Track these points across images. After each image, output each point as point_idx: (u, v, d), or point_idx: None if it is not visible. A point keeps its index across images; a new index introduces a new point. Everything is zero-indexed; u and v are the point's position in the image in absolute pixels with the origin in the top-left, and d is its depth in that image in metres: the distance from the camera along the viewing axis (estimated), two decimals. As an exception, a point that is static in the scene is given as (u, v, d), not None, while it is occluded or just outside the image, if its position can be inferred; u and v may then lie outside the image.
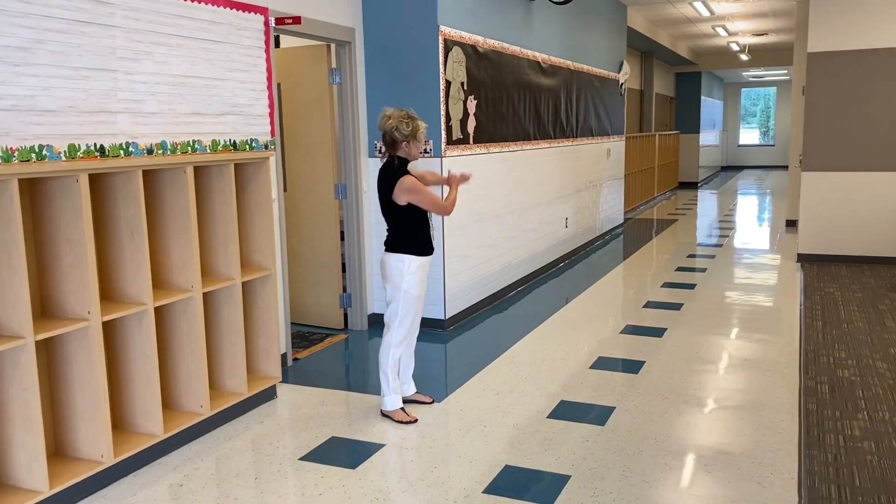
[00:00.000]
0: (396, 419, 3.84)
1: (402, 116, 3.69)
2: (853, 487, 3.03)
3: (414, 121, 3.71)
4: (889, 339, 5.08)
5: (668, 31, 14.17)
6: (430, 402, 4.07)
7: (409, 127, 3.68)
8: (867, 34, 7.49)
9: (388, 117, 3.70)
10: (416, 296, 3.81)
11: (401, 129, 3.67)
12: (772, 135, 26.83)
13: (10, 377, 2.84)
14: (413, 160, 3.80)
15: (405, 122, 3.68)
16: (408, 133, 3.68)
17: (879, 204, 7.66)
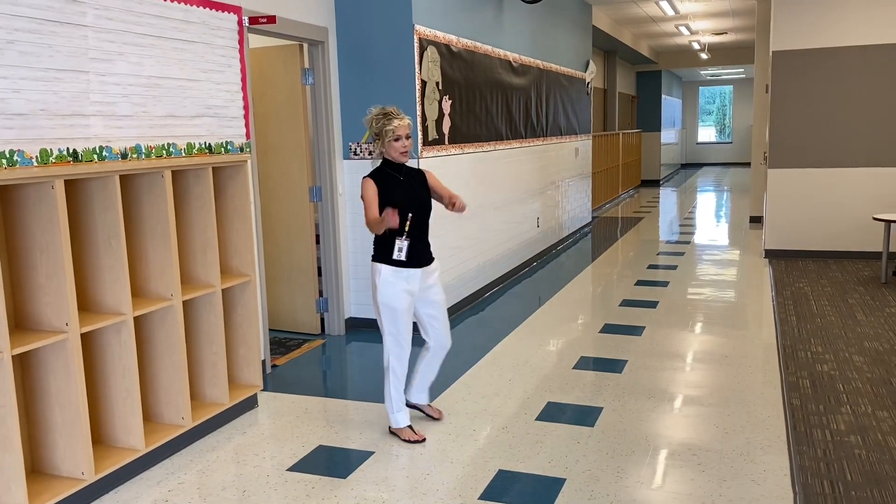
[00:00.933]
0: (403, 438, 3.60)
1: (376, 115, 3.51)
2: (845, 482, 3.05)
3: (385, 118, 3.47)
4: (862, 332, 5.17)
5: (630, 30, 14.30)
6: (438, 417, 3.83)
7: (379, 124, 3.47)
8: (830, 33, 7.64)
9: (369, 114, 3.56)
10: (396, 308, 3.50)
11: (372, 128, 3.51)
12: (729, 132, 27.32)
13: (-14, 394, 2.70)
14: (395, 160, 3.54)
15: (375, 118, 3.49)
16: (377, 131, 3.49)
17: (844, 200, 7.81)
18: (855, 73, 7.63)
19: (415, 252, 3.50)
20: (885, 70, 7.53)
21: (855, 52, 7.58)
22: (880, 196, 7.62)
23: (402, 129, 3.47)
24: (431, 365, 3.78)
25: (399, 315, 3.52)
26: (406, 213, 3.43)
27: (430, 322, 3.67)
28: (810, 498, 2.93)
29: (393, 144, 3.48)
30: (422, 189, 3.61)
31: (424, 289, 3.57)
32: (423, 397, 3.86)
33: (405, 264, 3.48)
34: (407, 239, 3.46)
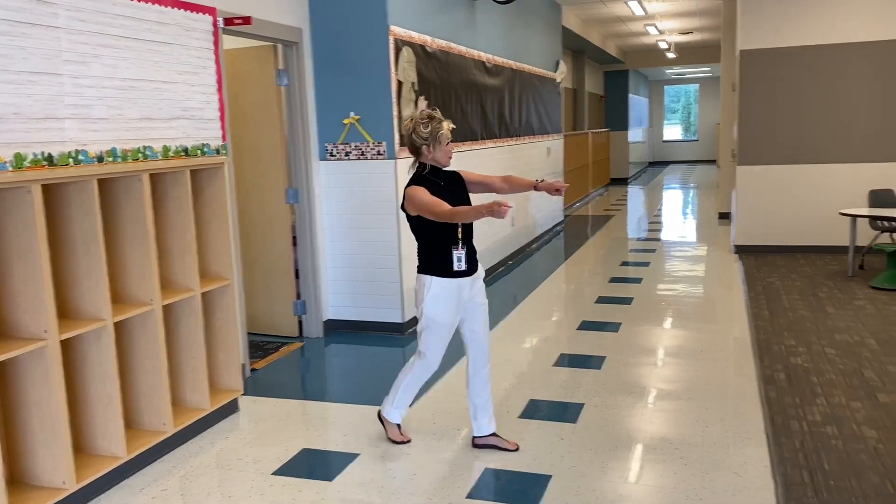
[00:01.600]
0: (389, 435, 3.55)
1: (421, 118, 3.22)
2: (823, 471, 3.12)
3: (433, 121, 3.20)
4: (833, 325, 5.29)
5: (599, 30, 14.43)
6: (514, 448, 3.44)
7: (428, 128, 3.18)
8: (796, 32, 7.79)
9: (407, 120, 3.31)
10: (443, 324, 3.29)
11: (419, 132, 3.19)
12: (694, 130, 27.71)
13: (-36, 404, 2.64)
14: (442, 166, 3.29)
15: (423, 123, 3.20)
16: (427, 136, 3.18)
17: (812, 195, 7.97)
18: (821, 72, 7.78)
19: (468, 259, 3.30)
20: (849, 68, 7.70)
21: (820, 50, 7.74)
22: (846, 191, 7.78)
23: (449, 131, 3.26)
24: (477, 386, 3.46)
25: (444, 331, 3.32)
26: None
27: (471, 337, 3.44)
28: (790, 488, 2.99)
29: (445, 149, 3.23)
30: (463, 192, 3.37)
31: (472, 297, 3.36)
32: (489, 425, 3.48)
33: (457, 274, 3.27)
34: (464, 247, 3.25)
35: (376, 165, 5.33)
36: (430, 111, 3.29)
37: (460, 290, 3.29)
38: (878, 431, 3.49)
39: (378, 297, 5.48)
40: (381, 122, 5.27)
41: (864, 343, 4.83)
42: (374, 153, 5.31)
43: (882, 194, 7.10)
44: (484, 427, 3.47)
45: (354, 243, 5.47)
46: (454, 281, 3.27)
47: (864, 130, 7.74)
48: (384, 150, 5.28)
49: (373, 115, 5.28)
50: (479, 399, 3.46)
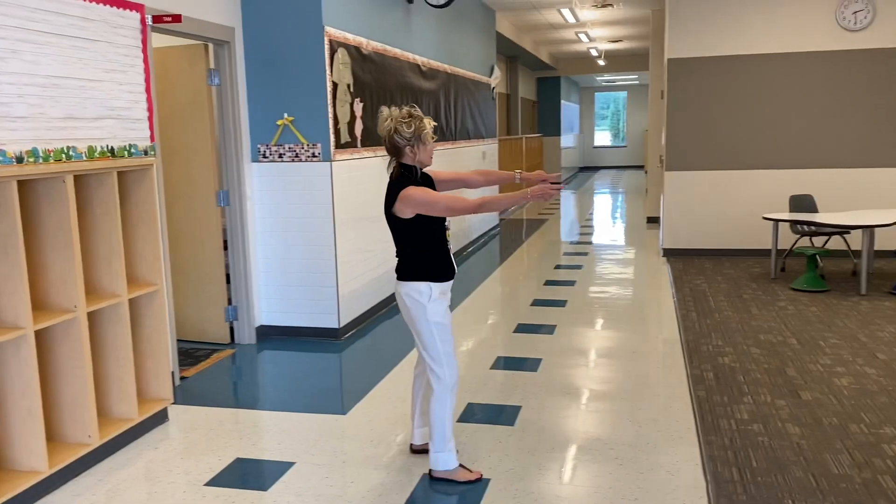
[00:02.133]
0: (460, 480, 3.15)
1: (402, 117, 3.05)
2: (751, 468, 3.22)
3: (415, 119, 3.05)
4: (757, 326, 5.47)
5: (532, 36, 14.63)
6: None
7: (412, 128, 3.02)
8: (722, 42, 8.06)
9: (384, 119, 3.09)
10: (447, 324, 3.15)
11: (401, 132, 3.03)
12: (623, 136, 28.35)
13: None
14: (424, 167, 3.16)
15: (405, 122, 3.03)
16: (410, 136, 3.03)
17: (736, 200, 8.25)
18: (745, 81, 8.07)
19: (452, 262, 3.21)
20: (772, 78, 8.01)
21: (745, 60, 8.03)
22: (770, 197, 8.09)
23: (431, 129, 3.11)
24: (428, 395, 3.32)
25: (450, 332, 3.18)
26: (444, 222, 3.14)
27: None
28: (721, 485, 3.08)
29: (425, 148, 3.09)
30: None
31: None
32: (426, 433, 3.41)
33: (447, 278, 3.16)
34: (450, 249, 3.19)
35: (311, 167, 5.25)
36: (409, 109, 3.09)
37: (448, 292, 3.22)
38: (801, 428, 3.63)
39: (313, 303, 5.40)
40: (315, 124, 5.20)
41: (786, 343, 5.02)
42: (309, 155, 5.24)
43: (802, 199, 7.40)
44: (426, 435, 3.40)
45: (289, 247, 5.38)
46: (448, 284, 3.19)
47: (786, 138, 8.07)
48: (319, 152, 5.21)
49: (307, 117, 5.20)
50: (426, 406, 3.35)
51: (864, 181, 7.93)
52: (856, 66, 7.80)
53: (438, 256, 3.14)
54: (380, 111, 3.16)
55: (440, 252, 3.14)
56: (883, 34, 7.69)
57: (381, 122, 3.13)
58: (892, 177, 7.88)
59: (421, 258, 3.12)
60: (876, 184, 7.91)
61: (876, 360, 4.62)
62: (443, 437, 3.15)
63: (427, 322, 3.13)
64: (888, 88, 7.76)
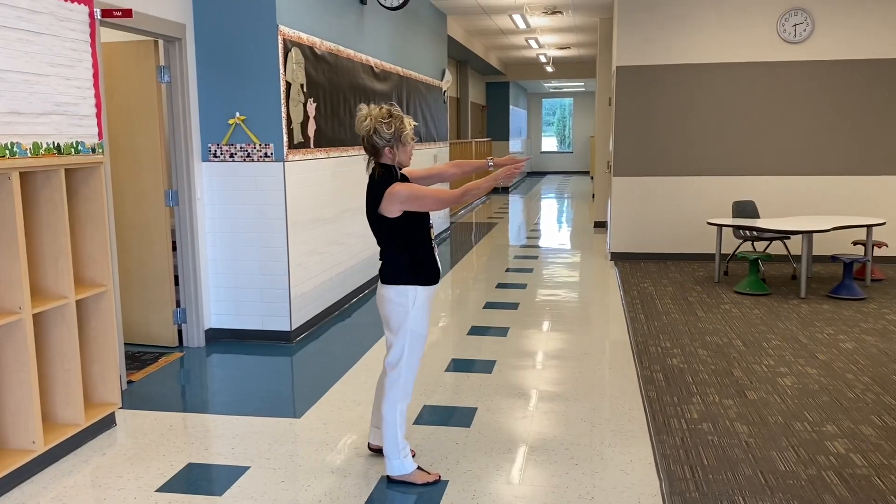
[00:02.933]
0: (418, 482, 3.13)
1: (381, 116, 3.00)
2: (703, 466, 3.30)
3: (395, 119, 3.01)
4: (703, 327, 5.61)
5: (482, 41, 14.73)
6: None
7: (391, 128, 2.99)
8: (668, 51, 8.25)
9: (363, 118, 3.03)
10: (424, 335, 3.12)
11: (381, 133, 2.99)
12: (569, 142, 28.78)
13: None
14: (402, 167, 3.10)
15: (385, 122, 2.99)
16: (390, 136, 2.99)
17: (681, 205, 8.45)
18: (691, 89, 8.28)
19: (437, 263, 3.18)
20: (717, 87, 8.24)
21: (691, 69, 8.24)
22: (714, 202, 8.31)
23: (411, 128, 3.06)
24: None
25: (423, 343, 3.16)
26: (429, 220, 3.13)
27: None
28: (674, 483, 3.14)
29: (405, 148, 3.05)
30: None
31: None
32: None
33: (433, 282, 3.13)
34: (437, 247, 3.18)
35: (263, 168, 5.18)
36: (388, 108, 3.04)
37: (433, 298, 3.18)
38: (749, 427, 3.73)
39: (265, 305, 5.32)
40: (268, 124, 5.13)
41: (731, 344, 5.16)
42: (262, 155, 5.17)
43: (744, 205, 7.62)
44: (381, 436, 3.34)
45: (239, 248, 5.29)
46: (433, 289, 3.15)
47: (730, 145, 8.30)
48: (272, 152, 5.15)
49: (260, 116, 5.13)
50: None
51: (804, 188, 8.21)
52: (796, 76, 8.08)
53: (425, 257, 3.10)
54: (358, 108, 3.09)
55: (426, 252, 3.11)
56: (821, 47, 7.99)
57: (360, 122, 3.05)
58: (831, 184, 8.19)
59: (408, 259, 3.08)
60: (815, 191, 8.21)
61: (816, 360, 4.78)
62: (395, 444, 3.13)
63: (405, 329, 3.09)
64: (826, 99, 8.07)
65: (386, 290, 3.11)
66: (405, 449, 3.16)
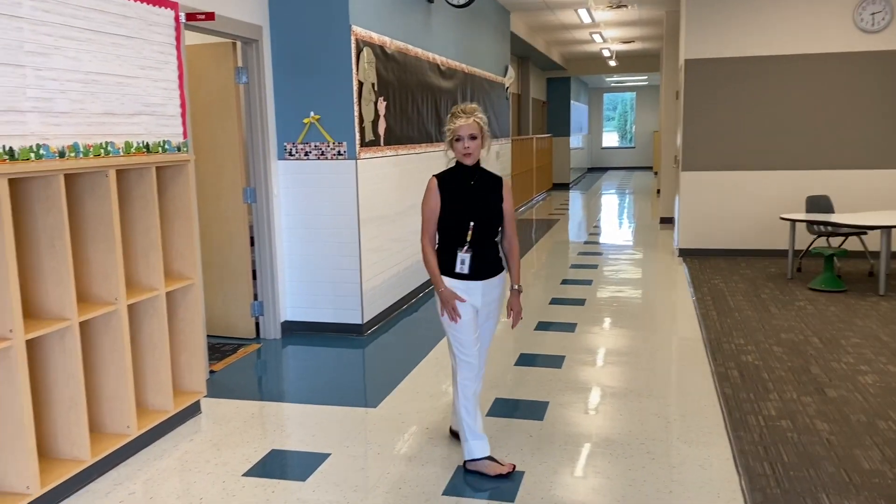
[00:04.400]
0: (490, 474, 3.17)
1: (450, 116, 3.23)
2: (783, 463, 3.26)
3: (452, 117, 3.20)
4: (777, 325, 5.51)
5: (544, 36, 14.67)
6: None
7: (447, 126, 3.21)
8: (738, 43, 8.09)
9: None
10: (453, 325, 3.18)
11: (445, 130, 3.23)
12: (630, 137, 28.35)
13: (-74, 407, 2.53)
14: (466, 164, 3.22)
15: (447, 121, 3.23)
16: (447, 132, 3.22)
17: (752, 200, 8.28)
18: (762, 82, 8.10)
19: (475, 264, 3.19)
20: (790, 79, 8.04)
21: (762, 61, 8.06)
22: (786, 197, 8.12)
23: (465, 128, 3.13)
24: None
25: (462, 328, 3.18)
26: (468, 221, 3.17)
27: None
28: (754, 479, 3.11)
29: (454, 145, 3.18)
30: (491, 196, 3.25)
31: (488, 302, 3.26)
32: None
33: (465, 277, 3.19)
34: (469, 250, 3.17)
35: (336, 165, 5.31)
36: (462, 106, 3.22)
37: (468, 293, 3.19)
38: (829, 424, 3.66)
39: (337, 299, 5.45)
40: (341, 122, 5.25)
41: (808, 342, 5.05)
42: (335, 153, 5.29)
43: (819, 200, 7.43)
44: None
45: (314, 244, 5.43)
46: (461, 283, 3.19)
47: (802, 139, 8.09)
48: (344, 151, 5.27)
49: (333, 115, 5.25)
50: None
51: (881, 182, 7.95)
52: (873, 67, 7.82)
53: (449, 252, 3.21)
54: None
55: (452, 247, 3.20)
56: (900, 36, 7.72)
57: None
58: (909, 178, 7.90)
59: (440, 253, 3.25)
60: (893, 185, 7.93)
61: (898, 358, 4.65)
62: (464, 426, 3.22)
63: (440, 314, 3.24)
64: (905, 90, 7.78)
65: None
66: (474, 433, 3.21)
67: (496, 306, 3.33)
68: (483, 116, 3.23)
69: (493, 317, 3.34)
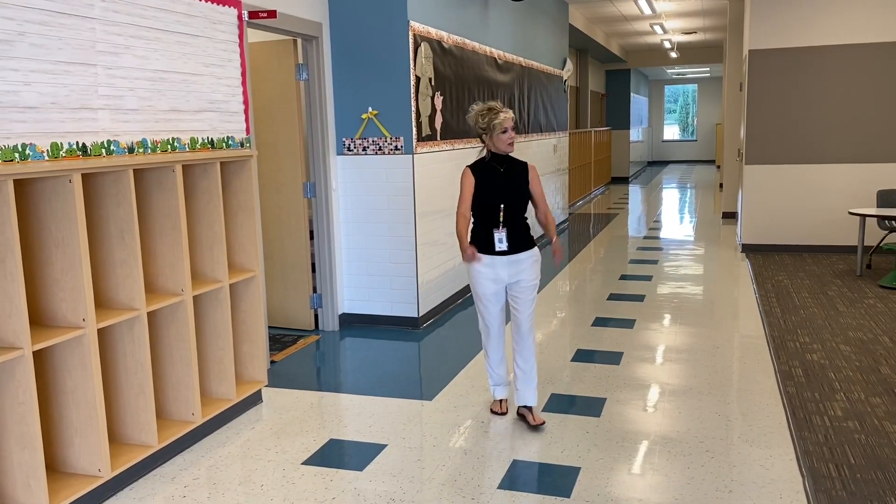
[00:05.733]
0: (491, 409, 3.89)
1: (481, 111, 3.61)
2: (849, 465, 3.16)
3: (491, 112, 3.58)
4: (845, 323, 5.33)
5: (603, 28, 14.47)
6: (533, 423, 3.64)
7: (486, 119, 3.58)
8: (805, 32, 7.84)
9: (470, 112, 3.69)
10: (479, 294, 3.68)
11: (479, 123, 3.62)
12: (692, 130, 27.76)
13: (6, 391, 2.66)
14: (503, 152, 3.65)
15: (481, 115, 3.60)
16: (484, 126, 3.59)
17: (817, 195, 8.03)
18: (829, 72, 7.84)
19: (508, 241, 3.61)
20: (858, 69, 7.75)
21: (829, 51, 7.80)
22: (853, 191, 7.85)
23: (508, 121, 3.57)
24: (519, 355, 3.72)
25: (482, 300, 3.69)
26: (499, 204, 3.57)
27: (513, 303, 3.72)
28: (818, 480, 3.03)
29: (500, 137, 3.58)
30: (518, 180, 3.66)
31: (515, 275, 3.65)
32: (524, 395, 3.72)
33: (489, 252, 3.60)
34: (504, 229, 3.58)
35: (394, 160, 5.35)
36: (491, 104, 3.62)
37: (494, 267, 3.61)
38: (900, 426, 3.54)
39: (394, 292, 5.51)
40: (399, 117, 5.29)
41: (878, 341, 4.88)
42: (392, 148, 5.34)
43: (890, 194, 7.15)
44: (520, 397, 3.74)
45: (371, 238, 5.50)
46: (485, 257, 3.61)
47: (872, 130, 7.80)
48: (402, 146, 5.31)
49: (391, 111, 5.30)
50: (524, 365, 3.71)
51: (958, 175, 7.60)
52: (950, 55, 7.48)
53: (481, 231, 3.65)
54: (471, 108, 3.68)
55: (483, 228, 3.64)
56: (981, 22, 7.36)
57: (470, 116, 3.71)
58: None
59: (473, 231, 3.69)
60: (971, 178, 7.58)
61: (975, 359, 4.46)
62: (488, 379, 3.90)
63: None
64: None
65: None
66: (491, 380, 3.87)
67: (528, 277, 3.67)
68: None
69: (528, 288, 3.70)
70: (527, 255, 3.66)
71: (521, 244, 3.64)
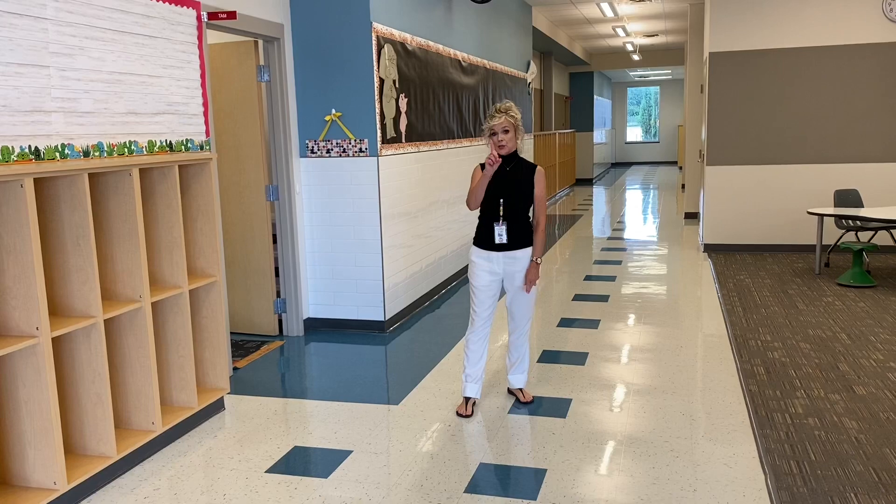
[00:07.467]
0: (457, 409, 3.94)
1: (489, 111, 3.75)
2: (810, 461, 3.21)
3: (490, 115, 3.73)
4: (805, 321, 5.43)
5: (566, 31, 14.57)
6: (523, 400, 4.02)
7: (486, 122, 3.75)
8: (764, 35, 7.98)
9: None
10: (474, 285, 3.84)
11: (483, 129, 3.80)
12: (655, 132, 28.10)
13: (-45, 403, 2.57)
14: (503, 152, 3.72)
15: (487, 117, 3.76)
16: (484, 128, 3.78)
17: (779, 195, 8.17)
18: (787, 74, 7.98)
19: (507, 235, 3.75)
20: (815, 71, 7.91)
21: (787, 53, 7.94)
22: (812, 192, 8.00)
23: (498, 125, 3.68)
24: (514, 344, 4.00)
25: (476, 291, 3.85)
26: (499, 199, 3.71)
27: (510, 307, 3.93)
28: (780, 478, 3.07)
29: (491, 139, 3.72)
30: (523, 179, 3.76)
31: (511, 272, 3.80)
32: (514, 379, 4.06)
33: (486, 246, 3.78)
34: (503, 224, 3.71)
35: (358, 162, 5.31)
36: (498, 105, 3.72)
37: (490, 260, 3.79)
38: (858, 422, 3.60)
39: (359, 296, 5.46)
40: (363, 119, 5.26)
41: (836, 338, 4.97)
42: (356, 150, 5.30)
43: (847, 194, 7.30)
44: (512, 381, 4.07)
45: (336, 241, 5.45)
46: (482, 251, 3.80)
47: (830, 132, 7.96)
48: (366, 148, 5.27)
49: (355, 113, 5.26)
50: (515, 354, 4.01)
51: (912, 175, 7.80)
52: (903, 58, 7.66)
53: (482, 227, 3.80)
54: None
55: (484, 223, 3.79)
56: (931, 26, 7.56)
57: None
58: (940, 171, 7.74)
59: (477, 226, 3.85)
60: (923, 178, 7.78)
61: (930, 355, 4.56)
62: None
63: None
64: (936, 81, 7.62)
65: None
66: (465, 375, 3.92)
67: (523, 276, 3.82)
68: (516, 113, 3.72)
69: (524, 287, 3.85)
70: (524, 253, 3.79)
71: (521, 241, 3.77)
